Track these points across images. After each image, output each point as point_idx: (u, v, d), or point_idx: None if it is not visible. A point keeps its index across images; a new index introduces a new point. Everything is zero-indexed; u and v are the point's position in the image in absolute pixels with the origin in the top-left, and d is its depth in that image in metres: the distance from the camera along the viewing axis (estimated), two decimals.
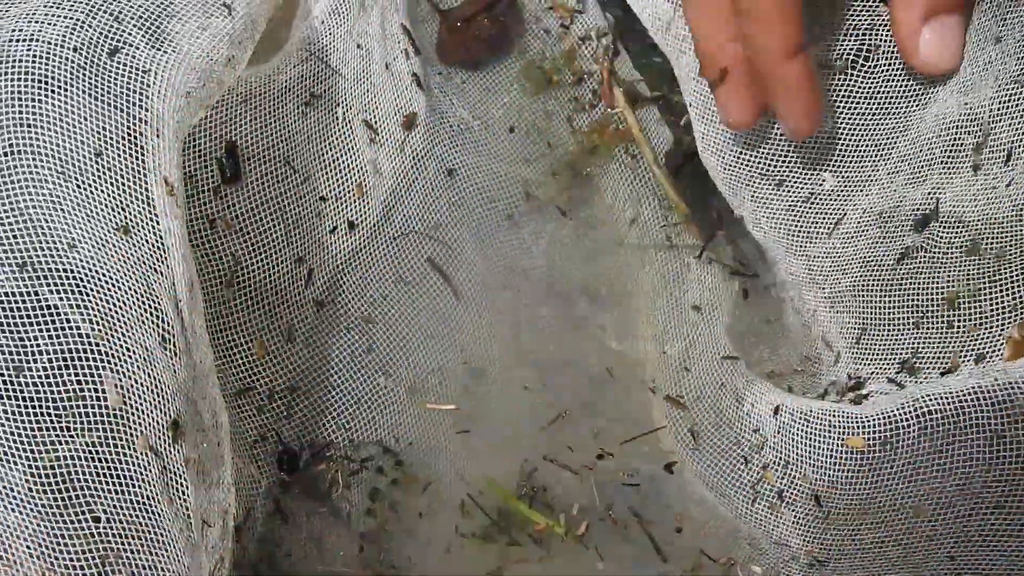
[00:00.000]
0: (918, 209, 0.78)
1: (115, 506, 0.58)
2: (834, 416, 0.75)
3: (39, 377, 0.58)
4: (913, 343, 0.78)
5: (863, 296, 0.81)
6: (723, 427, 0.83)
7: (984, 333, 0.74)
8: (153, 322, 0.63)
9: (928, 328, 0.77)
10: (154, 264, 0.64)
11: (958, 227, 0.76)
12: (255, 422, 0.87)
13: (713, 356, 0.88)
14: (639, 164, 0.97)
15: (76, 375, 0.58)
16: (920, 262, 0.78)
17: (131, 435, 0.60)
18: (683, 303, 0.93)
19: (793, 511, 0.77)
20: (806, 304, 0.85)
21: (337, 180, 0.90)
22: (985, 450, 0.69)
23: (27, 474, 0.57)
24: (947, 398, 0.70)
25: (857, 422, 0.73)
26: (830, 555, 0.76)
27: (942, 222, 0.76)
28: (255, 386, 0.87)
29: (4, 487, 0.56)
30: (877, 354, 0.81)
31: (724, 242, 0.93)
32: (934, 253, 0.77)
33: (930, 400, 0.71)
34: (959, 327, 0.75)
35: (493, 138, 1.00)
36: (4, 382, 0.57)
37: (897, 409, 0.72)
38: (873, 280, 0.81)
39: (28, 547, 0.56)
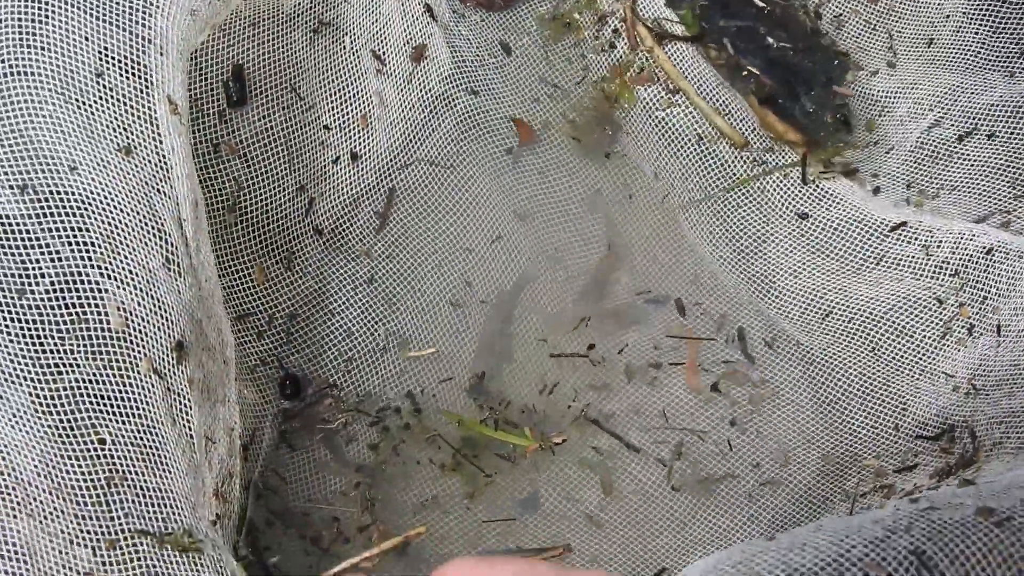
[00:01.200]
0: None
1: (120, 429, 0.57)
2: None
3: (41, 300, 0.56)
4: None
5: None
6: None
7: None
8: (156, 243, 0.62)
9: None
10: (157, 184, 0.63)
11: None
12: (255, 347, 0.86)
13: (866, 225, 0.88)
14: (675, 100, 0.95)
15: (78, 298, 0.57)
16: None
17: (135, 357, 0.59)
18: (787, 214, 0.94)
19: (976, 342, 0.80)
20: None
21: (342, 110, 0.88)
22: None
23: (33, 395, 0.56)
24: None
25: None
26: (986, 382, 0.78)
27: None
28: (255, 311, 0.86)
29: (10, 408, 0.55)
30: None
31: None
32: None
33: None
34: None
35: (507, 77, 0.98)
36: (7, 305, 0.56)
37: None
38: None
39: (35, 466, 0.55)
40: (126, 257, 0.59)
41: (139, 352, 0.59)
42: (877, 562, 0.52)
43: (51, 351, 0.56)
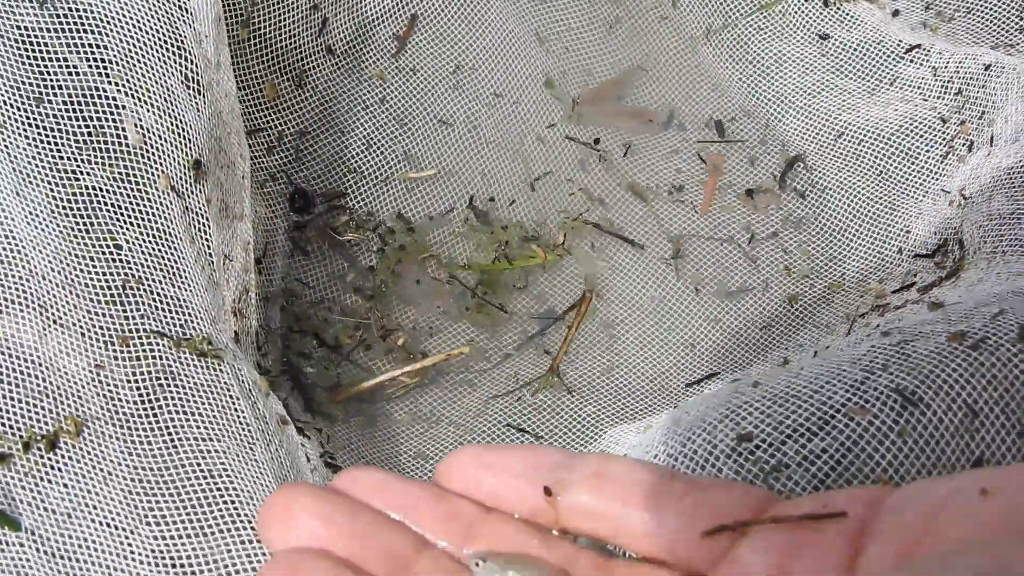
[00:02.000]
0: None
1: (137, 238, 0.59)
2: None
3: (59, 110, 0.58)
4: None
5: None
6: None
7: None
8: (176, 62, 0.62)
9: None
10: (179, 0, 0.63)
11: None
12: (265, 162, 0.88)
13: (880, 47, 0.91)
14: None
15: (96, 112, 0.58)
16: None
17: (152, 174, 0.61)
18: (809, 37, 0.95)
19: (974, 157, 0.82)
20: None
21: None
22: None
23: (50, 196, 0.57)
24: None
25: None
26: (972, 190, 0.80)
27: None
28: (265, 127, 0.87)
29: (27, 206, 0.57)
30: None
31: None
32: None
33: None
34: None
35: None
36: (25, 110, 0.57)
37: None
38: None
39: (49, 263, 0.57)
40: (144, 75, 0.60)
41: (157, 169, 0.61)
42: (861, 405, 0.52)
43: (68, 159, 0.58)
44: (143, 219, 0.60)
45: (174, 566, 0.53)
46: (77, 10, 0.58)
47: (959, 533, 0.38)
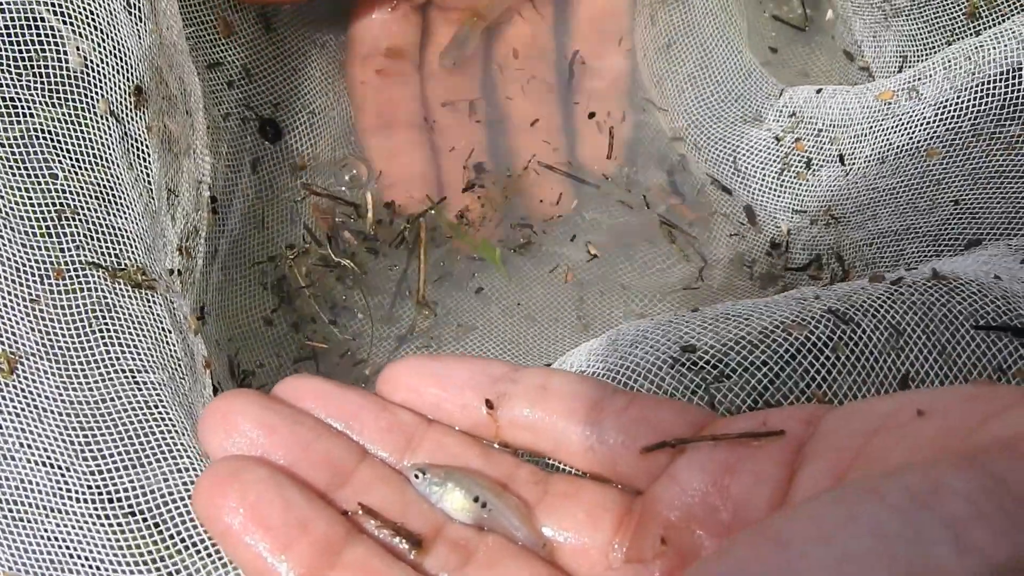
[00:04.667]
0: None
1: (73, 166, 0.58)
2: (870, 83, 0.83)
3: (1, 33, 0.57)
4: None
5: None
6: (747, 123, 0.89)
7: None
8: None
9: None
10: None
11: None
12: (225, 97, 0.86)
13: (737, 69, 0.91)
14: None
15: (38, 35, 0.56)
16: None
17: (92, 98, 0.59)
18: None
19: (818, 176, 0.84)
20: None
21: None
22: (1002, 86, 0.72)
23: None
24: (970, 46, 0.75)
25: (890, 82, 0.80)
26: (845, 210, 0.82)
27: None
28: (224, 62, 0.86)
29: None
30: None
31: None
32: None
33: (954, 51, 0.76)
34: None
35: None
36: None
37: (927, 64, 0.77)
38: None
39: None
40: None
41: (96, 93, 0.59)
42: (798, 322, 0.54)
43: (7, 85, 0.56)
44: (81, 148, 0.58)
45: (111, 500, 0.53)
46: None
47: (895, 455, 0.37)
